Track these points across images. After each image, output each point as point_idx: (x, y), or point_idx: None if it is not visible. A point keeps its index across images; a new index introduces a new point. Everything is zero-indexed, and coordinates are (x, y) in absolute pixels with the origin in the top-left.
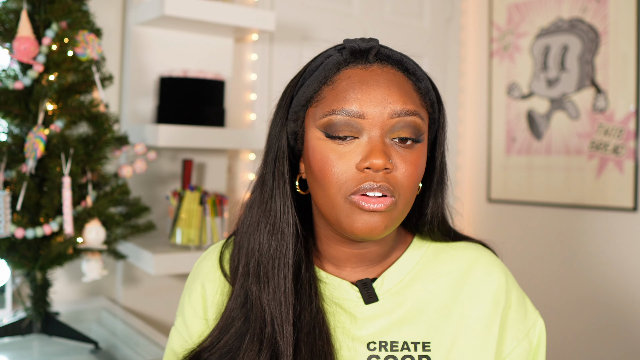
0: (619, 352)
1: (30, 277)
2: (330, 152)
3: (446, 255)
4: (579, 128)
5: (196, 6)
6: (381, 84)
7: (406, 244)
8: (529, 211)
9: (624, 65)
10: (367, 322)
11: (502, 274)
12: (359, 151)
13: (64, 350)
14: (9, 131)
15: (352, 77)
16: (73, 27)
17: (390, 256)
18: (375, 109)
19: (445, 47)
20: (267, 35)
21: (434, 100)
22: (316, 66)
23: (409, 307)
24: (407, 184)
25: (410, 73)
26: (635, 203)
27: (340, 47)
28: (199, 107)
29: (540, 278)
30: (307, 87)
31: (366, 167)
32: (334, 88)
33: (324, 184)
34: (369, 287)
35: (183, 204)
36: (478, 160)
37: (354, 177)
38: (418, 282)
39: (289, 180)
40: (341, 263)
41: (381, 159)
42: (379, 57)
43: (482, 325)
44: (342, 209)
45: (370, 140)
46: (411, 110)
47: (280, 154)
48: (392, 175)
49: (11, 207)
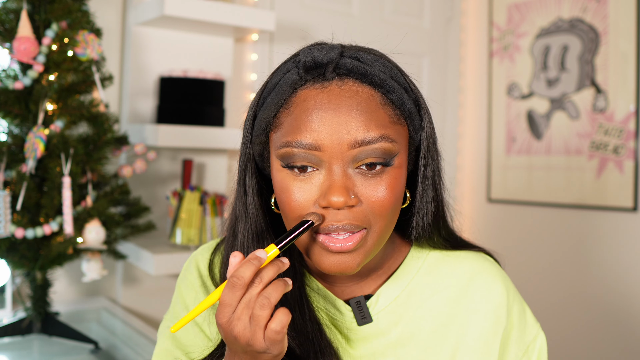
0: (618, 351)
1: (30, 277)
2: (290, 184)
3: (446, 268)
4: (579, 128)
5: (196, 6)
6: (339, 109)
7: (402, 254)
8: (529, 211)
9: (624, 65)
10: (360, 343)
11: (503, 289)
12: (318, 185)
13: (64, 350)
14: (9, 131)
15: (308, 101)
16: (73, 27)
17: (384, 267)
18: (332, 140)
19: (445, 47)
20: (267, 35)
21: (412, 109)
22: (274, 84)
23: (405, 327)
24: (378, 214)
25: (377, 85)
26: (635, 203)
27: (297, 60)
28: (199, 107)
29: (540, 278)
30: (265, 110)
31: (325, 206)
32: (290, 113)
33: (286, 215)
34: (363, 307)
35: (183, 204)
36: (478, 160)
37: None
38: (415, 297)
39: (260, 206)
40: (330, 280)
41: (341, 197)
42: (338, 72)
43: (482, 344)
44: (309, 246)
45: (329, 175)
46: (374, 137)
47: (249, 176)
48: (358, 209)
49: (11, 207)
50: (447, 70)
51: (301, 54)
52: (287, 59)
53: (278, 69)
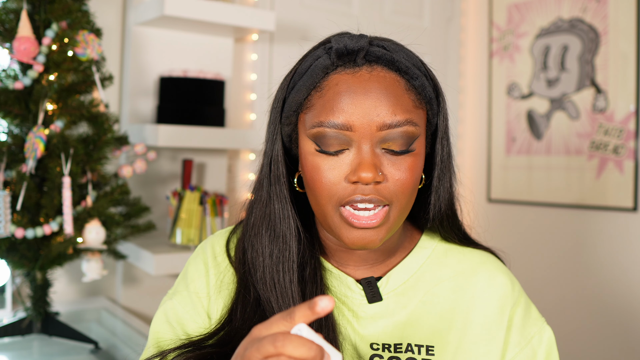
0: (618, 351)
1: (30, 277)
2: (320, 162)
3: (453, 258)
4: (579, 128)
5: (196, 6)
6: (369, 93)
7: (413, 241)
8: (529, 211)
9: (624, 65)
10: (369, 321)
11: (508, 279)
12: (348, 162)
13: (64, 350)
14: (9, 131)
15: (340, 85)
16: (73, 27)
17: (395, 255)
18: (363, 121)
19: (445, 47)
20: (267, 35)
21: (432, 95)
22: (305, 68)
23: (413, 309)
24: (401, 192)
25: (403, 72)
26: (635, 203)
27: (328, 47)
28: (199, 107)
29: (540, 278)
30: (296, 93)
31: (355, 181)
32: (322, 96)
33: (315, 192)
34: (374, 286)
35: (183, 204)
36: (478, 160)
37: (344, 189)
38: (423, 283)
39: (286, 182)
40: (343, 261)
41: (370, 172)
42: (368, 59)
43: (487, 331)
44: (334, 220)
45: (359, 153)
46: (401, 120)
47: (275, 157)
48: (384, 185)
49: (11, 207)
50: (447, 70)
51: (332, 41)
52: (316, 46)
53: (308, 55)
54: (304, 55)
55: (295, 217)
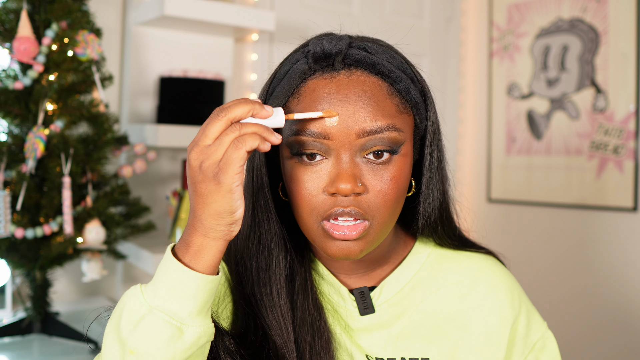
0: (618, 351)
1: (30, 277)
2: (300, 173)
3: (450, 264)
4: (579, 128)
5: (196, 6)
6: (348, 99)
7: (407, 248)
8: (529, 211)
9: (624, 65)
10: (363, 333)
11: (509, 288)
12: (327, 172)
13: (64, 350)
14: (9, 131)
15: (317, 91)
16: (73, 27)
17: (389, 262)
18: (340, 129)
19: (445, 47)
20: (267, 35)
21: (418, 99)
22: (283, 74)
23: (407, 320)
24: (382, 204)
25: (385, 76)
26: (635, 203)
27: (306, 50)
28: (199, 107)
29: (540, 278)
30: (274, 99)
31: (334, 193)
32: (299, 102)
33: (295, 205)
34: (366, 297)
35: (183, 204)
36: (478, 160)
37: (324, 202)
38: (418, 292)
39: (270, 193)
40: (334, 270)
41: (349, 184)
42: (347, 63)
43: (487, 342)
44: (316, 233)
45: (338, 162)
46: (382, 126)
47: (258, 168)
48: (364, 197)
49: (11, 207)
50: (447, 70)
51: (310, 44)
52: (296, 49)
53: (287, 59)
54: (284, 59)
55: (281, 228)
